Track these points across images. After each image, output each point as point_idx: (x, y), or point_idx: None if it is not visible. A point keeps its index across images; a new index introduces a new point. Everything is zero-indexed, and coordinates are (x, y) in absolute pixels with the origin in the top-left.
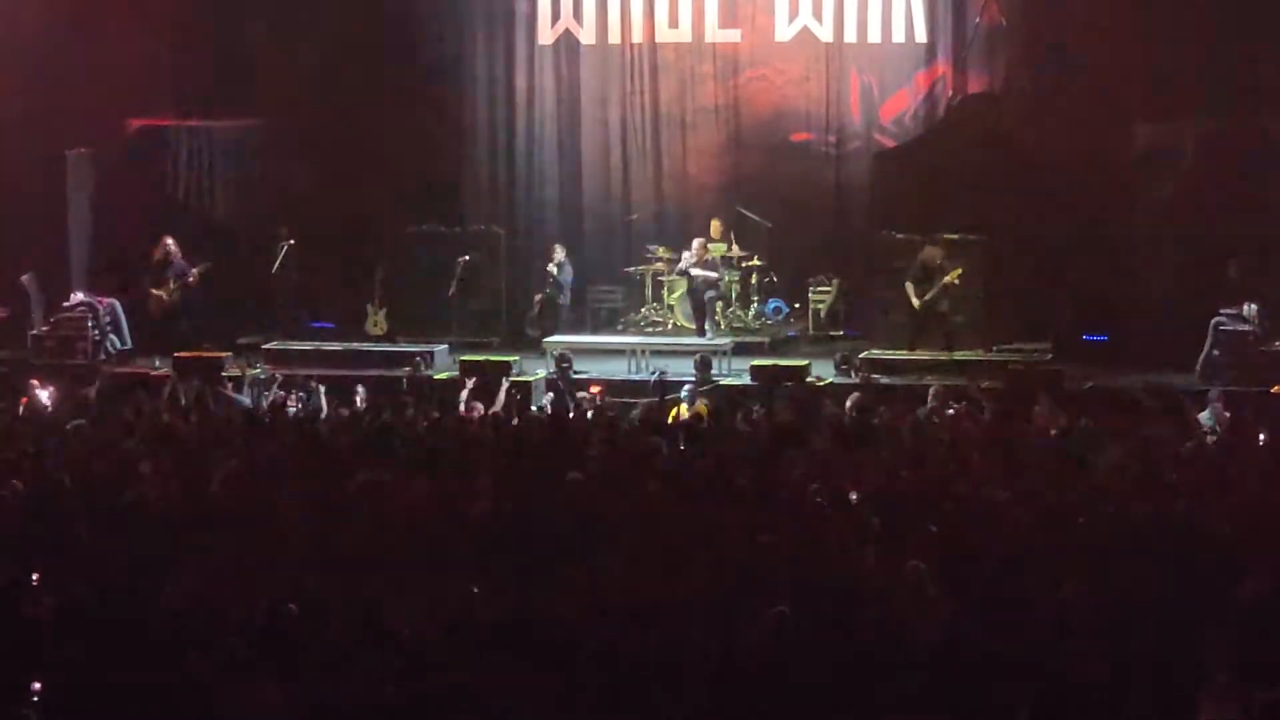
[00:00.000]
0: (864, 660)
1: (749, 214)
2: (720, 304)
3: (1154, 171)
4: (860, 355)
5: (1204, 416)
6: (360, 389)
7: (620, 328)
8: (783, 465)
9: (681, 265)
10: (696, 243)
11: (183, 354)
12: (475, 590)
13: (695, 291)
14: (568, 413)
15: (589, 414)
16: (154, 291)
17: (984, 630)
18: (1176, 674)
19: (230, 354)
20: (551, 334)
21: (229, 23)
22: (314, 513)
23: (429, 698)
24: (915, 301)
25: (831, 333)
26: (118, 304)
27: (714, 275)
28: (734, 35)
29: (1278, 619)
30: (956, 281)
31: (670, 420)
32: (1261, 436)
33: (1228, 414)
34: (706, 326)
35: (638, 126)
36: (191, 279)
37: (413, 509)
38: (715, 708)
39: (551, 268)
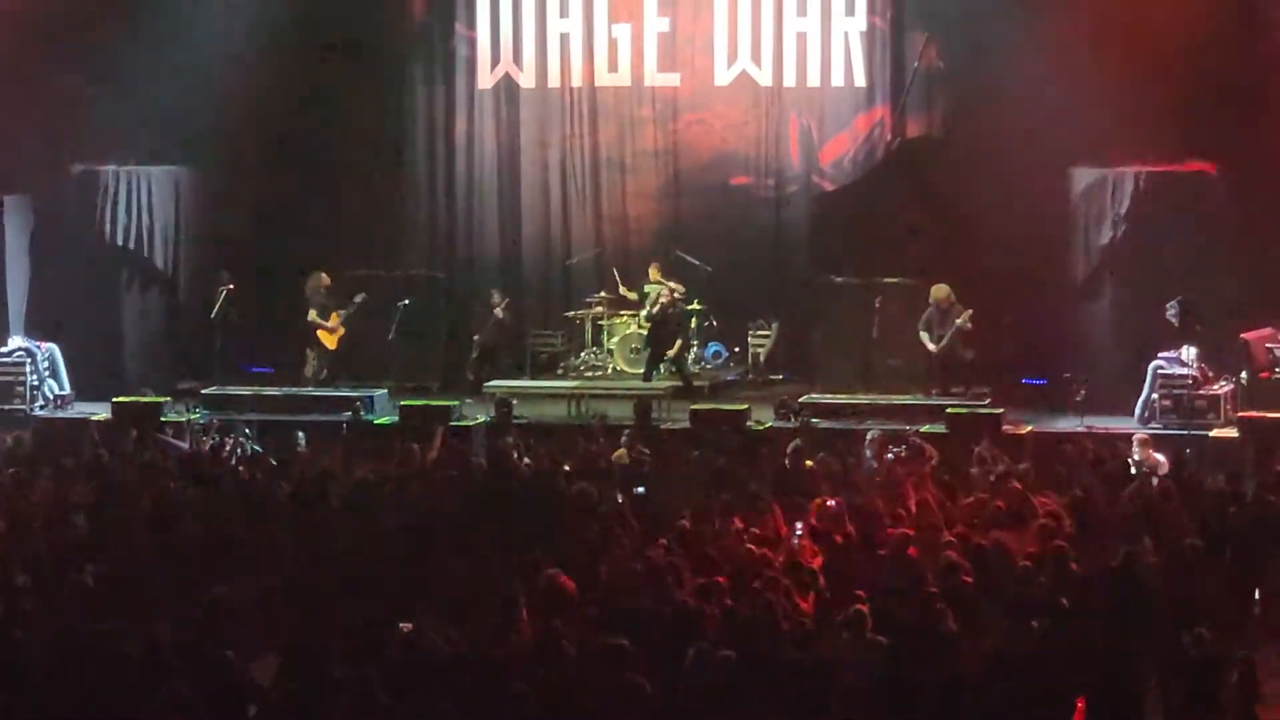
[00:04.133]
0: (805, 701)
1: (688, 258)
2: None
3: (1092, 216)
4: (800, 399)
5: (1134, 459)
6: (300, 435)
7: (560, 372)
8: (719, 509)
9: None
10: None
11: (122, 399)
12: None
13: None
14: (508, 457)
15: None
16: (326, 326)
17: (920, 672)
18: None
19: (169, 399)
20: (492, 378)
21: (167, 67)
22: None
23: None
24: (931, 346)
25: (771, 376)
26: (56, 349)
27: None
28: (673, 79)
29: (1216, 666)
30: (969, 325)
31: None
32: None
33: (1159, 456)
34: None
35: (577, 170)
36: (354, 310)
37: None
38: None
39: (499, 311)
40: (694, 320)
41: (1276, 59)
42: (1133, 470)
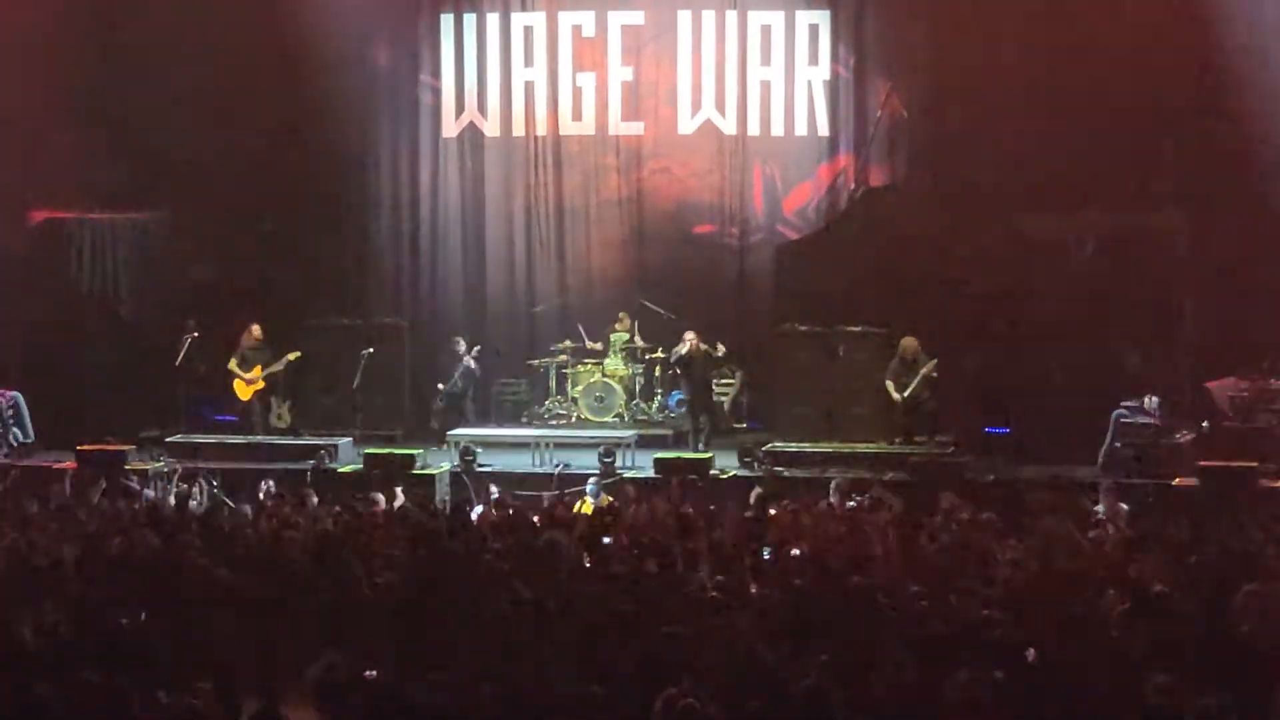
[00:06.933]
0: None
1: (652, 306)
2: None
3: (1054, 264)
4: (763, 448)
5: (1098, 508)
6: (266, 483)
7: (524, 420)
8: (685, 557)
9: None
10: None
11: (86, 447)
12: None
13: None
14: (469, 506)
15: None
16: (243, 377)
17: None
18: None
19: (134, 447)
20: (456, 427)
21: (133, 115)
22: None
23: None
24: (896, 396)
25: (735, 424)
26: (20, 397)
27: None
28: (637, 128)
29: (1179, 715)
30: (935, 375)
31: (574, 514)
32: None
33: (1122, 506)
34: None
35: (541, 219)
36: (281, 367)
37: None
38: None
39: (469, 361)
40: (656, 370)
41: (1237, 107)
42: (1099, 518)
